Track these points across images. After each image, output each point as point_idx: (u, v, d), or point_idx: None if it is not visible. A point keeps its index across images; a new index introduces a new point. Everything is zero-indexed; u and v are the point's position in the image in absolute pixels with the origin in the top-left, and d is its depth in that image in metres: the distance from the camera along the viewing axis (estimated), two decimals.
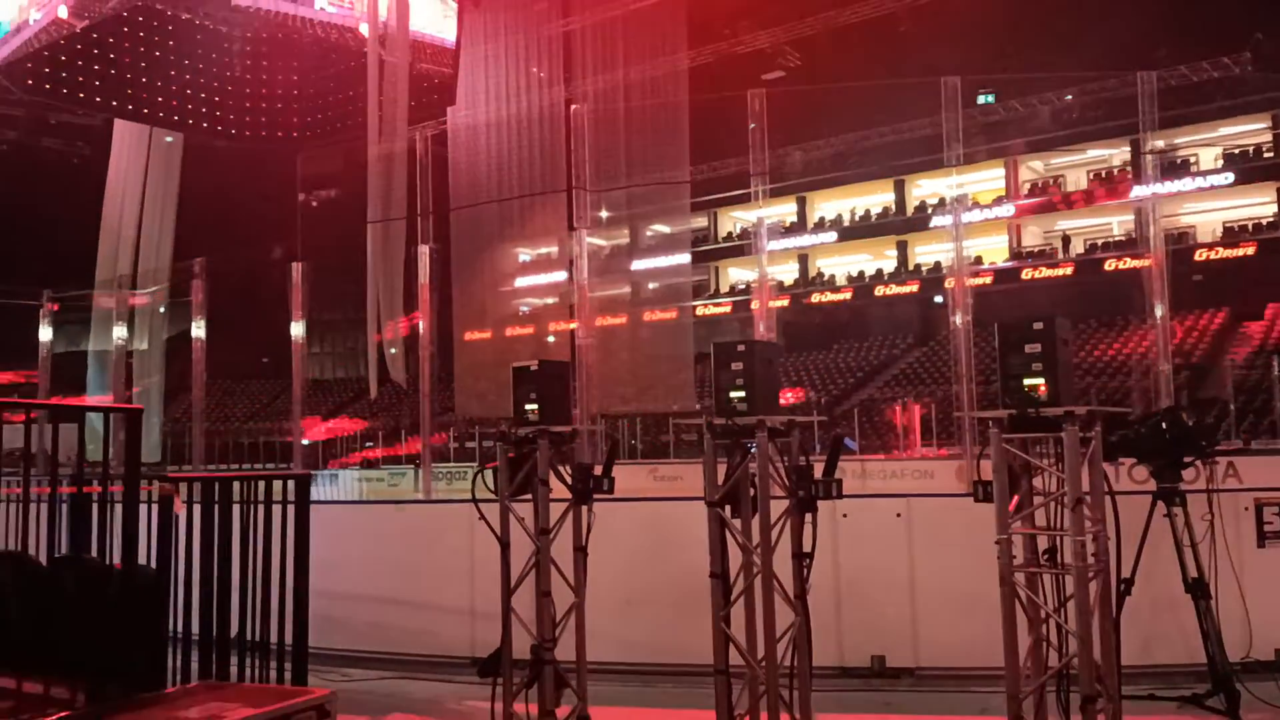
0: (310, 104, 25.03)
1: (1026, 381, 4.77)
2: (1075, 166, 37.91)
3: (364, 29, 22.84)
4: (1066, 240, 37.75)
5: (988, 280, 35.62)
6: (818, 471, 5.59)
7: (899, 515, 7.80)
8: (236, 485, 6.37)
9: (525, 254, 34.43)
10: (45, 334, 23.55)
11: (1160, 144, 31.09)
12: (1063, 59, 30.95)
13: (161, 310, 26.54)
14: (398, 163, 22.02)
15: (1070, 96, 34.55)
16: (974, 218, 35.94)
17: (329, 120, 25.12)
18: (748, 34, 31.35)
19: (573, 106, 24.57)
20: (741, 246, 39.53)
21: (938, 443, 27.45)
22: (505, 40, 26.96)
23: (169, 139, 26.70)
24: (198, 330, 19.88)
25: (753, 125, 19.86)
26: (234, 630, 6.23)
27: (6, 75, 24.04)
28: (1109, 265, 34.45)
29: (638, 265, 31.93)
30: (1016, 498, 4.94)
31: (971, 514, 5.45)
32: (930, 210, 39.18)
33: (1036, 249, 38.42)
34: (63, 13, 22.25)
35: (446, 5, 25.13)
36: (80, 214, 27.72)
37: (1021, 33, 30.00)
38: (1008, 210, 38.11)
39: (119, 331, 24.53)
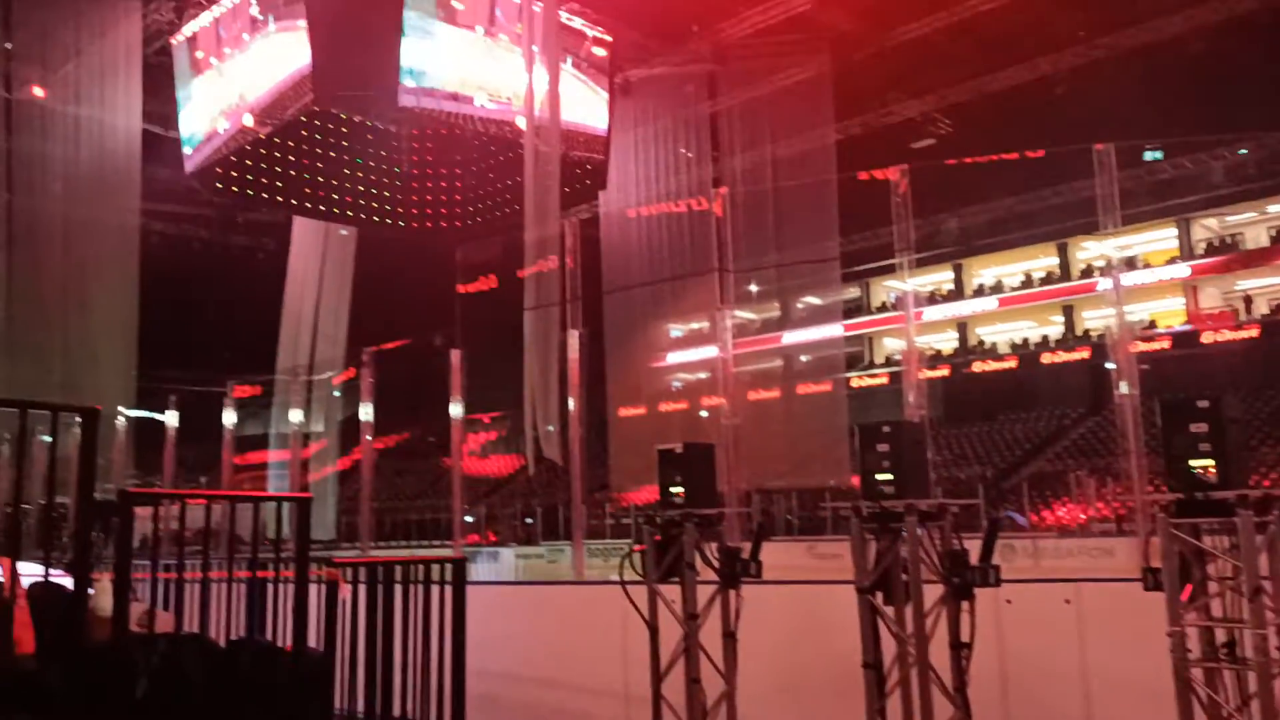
0: (471, 194, 26.25)
1: (1193, 463, 4.52)
2: (1255, 223, 35.84)
3: (520, 122, 23.82)
4: (1249, 301, 35.58)
5: (1165, 345, 33.85)
6: (976, 556, 5.43)
7: (1068, 601, 7.40)
8: (398, 569, 6.62)
9: (677, 330, 34.74)
10: (229, 418, 25.13)
11: None
12: (1235, 113, 29.54)
13: (336, 394, 27.90)
14: (551, 248, 22.72)
15: (1245, 151, 32.86)
16: (1143, 279, 34.36)
17: (488, 209, 26.25)
18: (897, 104, 31.11)
19: (718, 190, 24.86)
20: (895, 317, 38.80)
21: (1117, 518, 26.00)
22: (654, 124, 27.65)
23: (344, 232, 28.35)
24: (365, 414, 20.87)
25: (896, 200, 19.66)
26: (396, 710, 6.43)
27: (199, 179, 26.09)
28: None
29: (789, 338, 31.75)
30: (1190, 587, 4.65)
31: (1149, 600, 5.15)
32: (1097, 273, 37.67)
33: (1216, 311, 36.31)
34: (248, 120, 24.02)
35: (598, 95, 25.98)
36: (263, 305, 29.62)
37: (1187, 88, 28.77)
38: (1182, 271, 36.27)
39: (297, 416, 25.98)
